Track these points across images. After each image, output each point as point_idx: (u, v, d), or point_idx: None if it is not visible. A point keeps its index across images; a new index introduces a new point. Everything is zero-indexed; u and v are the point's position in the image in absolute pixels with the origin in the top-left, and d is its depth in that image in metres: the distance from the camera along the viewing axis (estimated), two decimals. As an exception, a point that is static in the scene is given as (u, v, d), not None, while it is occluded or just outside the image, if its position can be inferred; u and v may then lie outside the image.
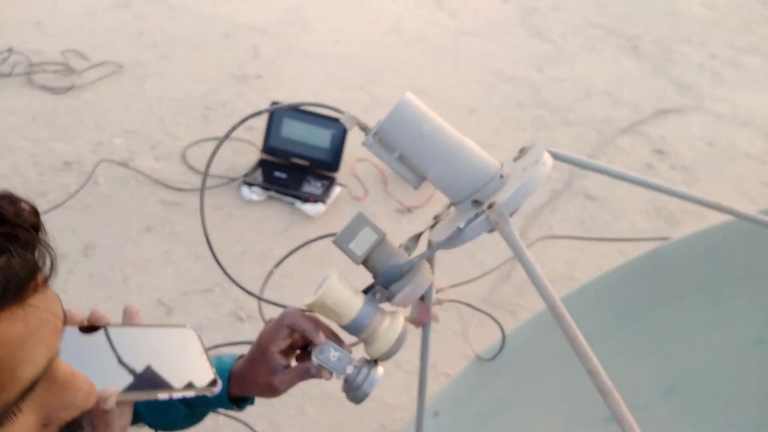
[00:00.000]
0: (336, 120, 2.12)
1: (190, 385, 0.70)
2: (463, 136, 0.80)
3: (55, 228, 1.39)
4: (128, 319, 0.70)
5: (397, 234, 1.94)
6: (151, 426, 0.84)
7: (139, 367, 0.67)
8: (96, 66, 2.52)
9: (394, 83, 2.73)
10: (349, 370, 0.75)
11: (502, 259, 1.90)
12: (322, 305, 0.74)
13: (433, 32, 3.19)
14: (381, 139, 0.78)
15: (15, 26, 2.73)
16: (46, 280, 0.46)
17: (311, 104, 0.82)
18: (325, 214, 1.94)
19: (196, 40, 2.83)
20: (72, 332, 0.62)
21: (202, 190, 0.85)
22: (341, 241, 0.77)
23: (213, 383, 0.73)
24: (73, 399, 0.50)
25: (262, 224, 1.91)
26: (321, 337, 0.75)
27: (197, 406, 0.82)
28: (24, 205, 0.47)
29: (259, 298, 0.93)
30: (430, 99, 2.63)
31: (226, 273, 0.86)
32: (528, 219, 2.09)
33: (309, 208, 1.93)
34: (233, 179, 2.04)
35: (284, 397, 1.43)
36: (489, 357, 1.37)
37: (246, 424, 1.37)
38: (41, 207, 1.71)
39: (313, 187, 2.00)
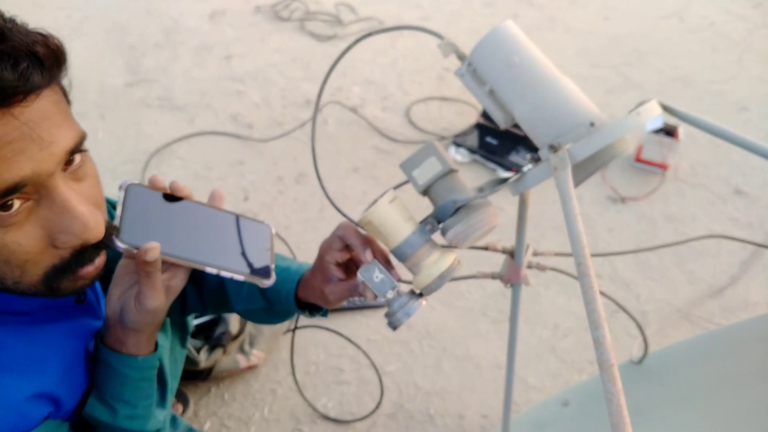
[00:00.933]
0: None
1: (242, 271, 0.75)
2: (562, 76, 0.70)
3: (281, 154, 1.60)
4: (212, 201, 0.77)
5: (598, 222, 1.77)
6: (233, 310, 0.91)
7: (201, 240, 0.72)
8: (361, 20, 2.74)
9: (655, 67, 2.45)
10: (390, 294, 0.73)
11: (715, 275, 1.62)
12: (368, 224, 0.72)
13: (725, 20, 2.78)
14: (474, 71, 0.73)
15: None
16: (32, 99, 0.52)
17: (407, 27, 0.79)
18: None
19: (460, 5, 2.88)
20: (156, 196, 0.71)
21: (314, 118, 0.87)
22: (406, 166, 0.74)
23: (267, 276, 0.77)
24: (70, 225, 0.56)
25: (459, 185, 1.90)
26: (368, 255, 0.73)
27: (275, 303, 0.87)
28: (54, 40, 0.55)
29: (354, 222, 0.94)
30: (693, 89, 2.32)
31: (330, 200, 0.88)
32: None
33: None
34: (444, 137, 2.06)
35: (424, 348, 1.45)
36: (636, 361, 1.21)
37: (375, 367, 1.40)
38: (275, 133, 1.97)
39: (521, 157, 1.92)
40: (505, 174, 1.90)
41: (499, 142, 1.98)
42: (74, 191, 0.57)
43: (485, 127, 2.04)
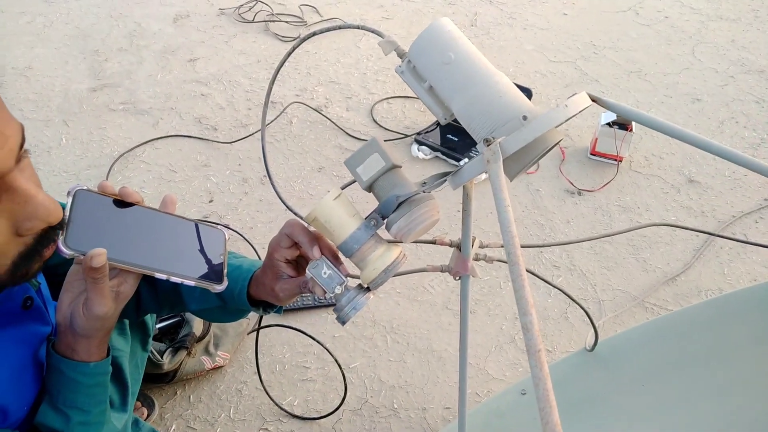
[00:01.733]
0: (524, 90, 2.04)
1: (193, 276, 0.76)
2: (497, 71, 0.73)
3: (245, 156, 1.61)
4: (164, 206, 0.77)
5: (556, 215, 1.82)
6: (188, 309, 0.92)
7: (151, 246, 0.73)
8: (324, 21, 2.75)
9: (611, 61, 2.51)
10: (338, 290, 0.75)
11: (669, 263, 1.67)
12: (315, 220, 0.74)
13: (678, 14, 2.85)
14: (414, 68, 0.75)
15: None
16: None
17: (350, 26, 0.82)
18: (485, 182, 1.90)
19: (421, 5, 2.91)
20: (105, 201, 0.71)
21: (263, 122, 0.89)
22: (351, 163, 0.76)
23: (218, 281, 0.78)
24: (35, 211, 0.58)
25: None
26: (315, 252, 0.75)
27: (228, 301, 0.88)
28: None
29: (302, 219, 0.96)
30: (648, 82, 2.39)
31: (279, 196, 0.90)
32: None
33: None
34: (407, 135, 2.09)
35: (389, 342, 1.48)
36: (589, 348, 1.24)
37: (338, 364, 1.42)
38: (240, 135, 1.96)
39: (481, 153, 1.96)
40: (464, 161, 1.93)
41: (460, 139, 2.01)
42: (30, 181, 0.59)
43: (448, 125, 2.07)
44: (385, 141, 2.07)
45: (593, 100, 0.71)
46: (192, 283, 0.75)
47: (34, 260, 0.61)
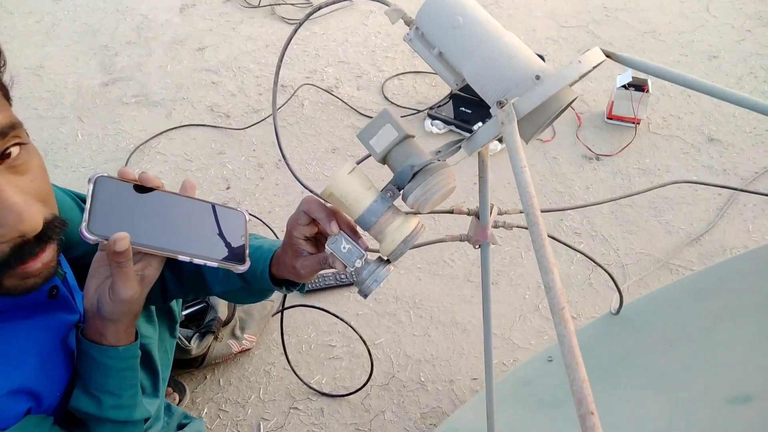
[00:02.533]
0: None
1: (216, 257, 0.76)
2: (507, 32, 0.72)
3: (259, 141, 1.61)
4: (183, 190, 0.78)
5: (575, 181, 1.80)
6: (212, 292, 0.93)
7: (173, 229, 0.73)
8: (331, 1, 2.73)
9: (624, 23, 2.46)
10: (358, 263, 0.74)
11: (692, 223, 1.65)
12: (330, 195, 0.74)
13: (692, -31, 2.78)
14: (422, 35, 0.74)
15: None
16: None
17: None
18: (500, 153, 1.88)
19: (427, -21, 2.88)
20: (126, 187, 0.72)
21: (274, 106, 0.89)
22: (363, 136, 0.75)
23: (241, 262, 0.79)
24: (5, 217, 0.54)
25: (437, 156, 1.92)
26: (333, 227, 0.75)
27: (251, 282, 0.89)
28: None
29: (318, 195, 0.96)
30: (663, 42, 2.34)
31: (297, 178, 0.90)
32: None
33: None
34: (419, 111, 2.08)
35: (412, 317, 1.48)
36: (614, 312, 1.24)
37: (363, 341, 1.43)
38: (252, 120, 1.97)
39: (496, 124, 1.94)
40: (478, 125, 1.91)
41: (473, 111, 1.99)
42: (11, 183, 0.56)
43: (459, 97, 2.05)
44: (397, 118, 2.06)
45: (607, 56, 0.70)
46: (215, 264, 0.75)
47: (5, 273, 0.58)
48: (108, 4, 2.85)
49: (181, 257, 0.71)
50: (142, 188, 0.72)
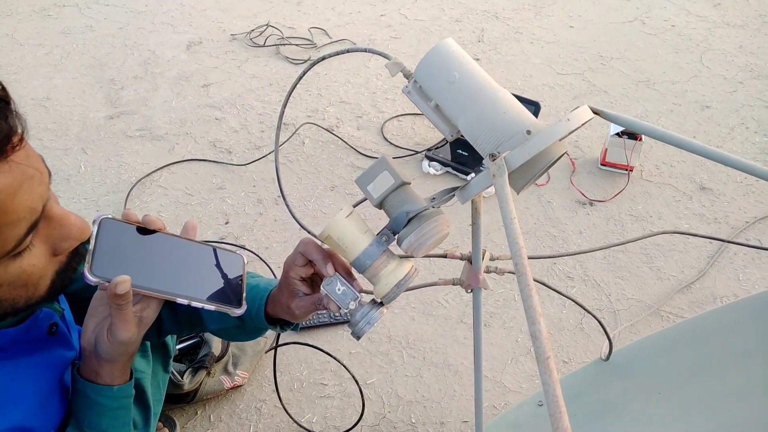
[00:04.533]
0: (532, 104, 2.06)
1: (213, 300, 0.78)
2: (500, 88, 0.75)
3: (260, 177, 1.64)
4: (185, 232, 0.80)
5: (569, 226, 1.82)
6: (207, 329, 0.95)
7: (173, 271, 0.75)
8: (334, 42, 2.80)
9: (619, 72, 2.53)
10: (352, 305, 0.76)
11: (683, 271, 1.67)
12: (328, 238, 0.76)
13: (685, 22, 2.87)
14: (420, 87, 0.78)
15: (281, 4, 3.17)
16: (22, 140, 0.57)
17: (358, 49, 0.84)
18: (495, 195, 1.90)
19: (429, 23, 2.95)
20: (129, 229, 0.74)
21: (276, 144, 0.92)
22: (361, 182, 0.78)
23: (237, 305, 0.80)
24: (70, 232, 0.63)
25: (434, 197, 1.95)
26: (329, 269, 0.77)
27: (247, 320, 0.90)
28: None
29: (315, 237, 0.98)
30: (657, 91, 2.40)
31: (292, 214, 0.92)
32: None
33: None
34: (417, 152, 2.12)
35: (405, 358, 1.49)
36: (604, 358, 1.25)
37: (356, 380, 1.44)
38: (254, 157, 2.01)
39: (492, 167, 1.98)
40: (471, 176, 1.94)
41: (470, 154, 2.03)
42: (58, 204, 0.64)
43: (456, 140, 2.09)
44: (396, 158, 2.11)
45: (595, 113, 0.73)
46: (212, 307, 0.77)
47: (69, 276, 0.66)
48: (117, 39, 2.91)
49: (179, 300, 0.73)
50: (144, 230, 0.74)
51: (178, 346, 1.39)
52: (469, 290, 0.93)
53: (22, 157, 0.57)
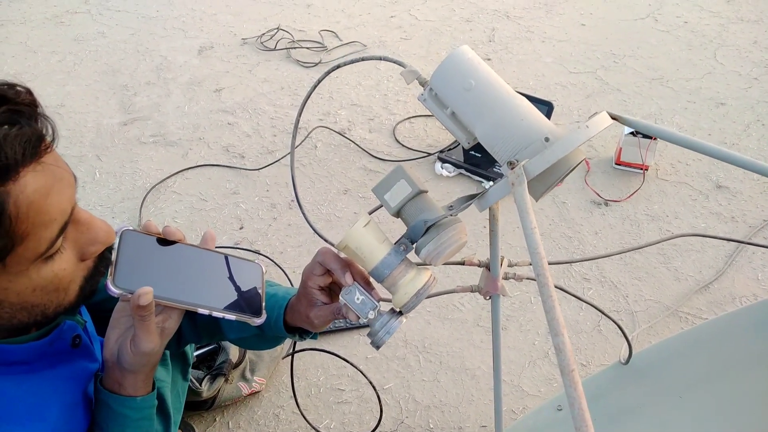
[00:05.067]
0: (545, 104, 2.05)
1: (234, 310, 0.78)
2: (516, 94, 0.75)
3: (273, 181, 1.64)
4: (204, 243, 0.80)
5: (584, 226, 1.81)
6: (226, 338, 0.95)
7: (194, 282, 0.76)
8: (344, 45, 2.80)
9: (632, 69, 2.51)
10: (371, 315, 0.76)
11: (701, 271, 1.65)
12: (346, 248, 0.76)
13: (698, 18, 2.84)
14: (435, 95, 0.78)
15: (291, 7, 3.18)
16: (51, 143, 0.59)
17: (373, 58, 0.84)
18: (510, 197, 1.90)
19: (439, 24, 2.95)
20: (150, 241, 0.74)
21: (292, 149, 0.92)
22: (378, 191, 0.78)
23: (257, 315, 0.81)
24: (97, 235, 0.64)
25: (447, 198, 1.95)
26: (348, 278, 0.77)
27: (266, 329, 0.90)
28: (20, 88, 0.60)
29: (333, 246, 0.98)
30: (671, 88, 2.38)
31: (310, 224, 0.92)
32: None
33: (496, 189, 1.91)
34: (430, 154, 2.11)
35: (421, 362, 1.49)
36: (624, 361, 1.24)
37: (373, 385, 1.44)
38: (267, 161, 2.01)
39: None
40: (489, 185, 1.94)
41: (483, 155, 2.02)
42: (83, 210, 0.65)
43: (470, 141, 2.09)
44: (408, 160, 2.10)
45: (614, 119, 0.73)
46: (232, 317, 0.77)
47: (96, 281, 0.68)
48: (129, 45, 2.93)
49: (200, 310, 0.74)
50: (165, 241, 0.74)
51: (196, 353, 1.39)
52: (488, 297, 0.93)
53: (52, 159, 0.58)
